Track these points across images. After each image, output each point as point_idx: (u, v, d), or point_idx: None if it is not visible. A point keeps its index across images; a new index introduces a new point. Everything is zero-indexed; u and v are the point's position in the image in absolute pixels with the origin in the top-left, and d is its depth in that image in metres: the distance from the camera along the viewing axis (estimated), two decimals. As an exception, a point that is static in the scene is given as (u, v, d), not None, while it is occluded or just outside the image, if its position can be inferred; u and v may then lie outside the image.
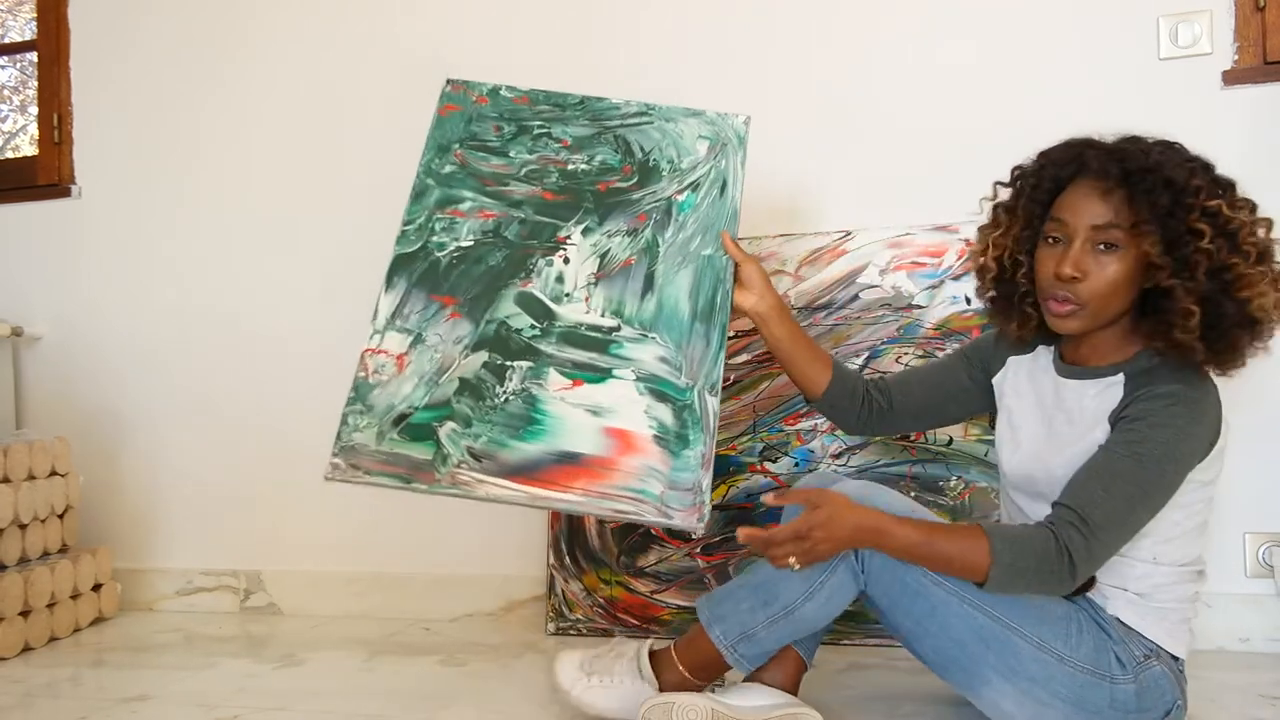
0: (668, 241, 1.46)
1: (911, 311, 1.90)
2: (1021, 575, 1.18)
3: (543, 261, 1.44)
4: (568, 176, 1.51)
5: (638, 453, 1.31)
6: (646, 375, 1.36)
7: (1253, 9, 1.83)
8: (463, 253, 1.44)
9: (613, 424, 1.33)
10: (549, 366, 1.36)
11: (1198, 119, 1.82)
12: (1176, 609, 1.28)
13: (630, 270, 1.44)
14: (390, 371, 1.36)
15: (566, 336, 1.39)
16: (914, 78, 1.99)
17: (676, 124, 1.56)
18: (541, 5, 2.22)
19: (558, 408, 1.34)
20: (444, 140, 1.54)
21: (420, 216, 1.47)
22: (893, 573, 1.25)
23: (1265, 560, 1.80)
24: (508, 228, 1.47)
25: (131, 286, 2.48)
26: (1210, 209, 1.17)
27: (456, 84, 1.59)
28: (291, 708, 1.62)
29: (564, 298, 1.41)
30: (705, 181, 1.51)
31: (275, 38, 2.39)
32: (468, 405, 1.34)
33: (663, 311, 1.41)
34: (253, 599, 2.36)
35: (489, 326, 1.39)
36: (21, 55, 3.31)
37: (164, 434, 2.44)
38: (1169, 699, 1.25)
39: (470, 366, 1.36)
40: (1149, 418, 1.20)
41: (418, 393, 1.35)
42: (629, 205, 1.48)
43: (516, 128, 1.55)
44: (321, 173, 2.35)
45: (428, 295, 1.41)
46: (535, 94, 1.59)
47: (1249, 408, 1.78)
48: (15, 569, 2.06)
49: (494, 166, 1.52)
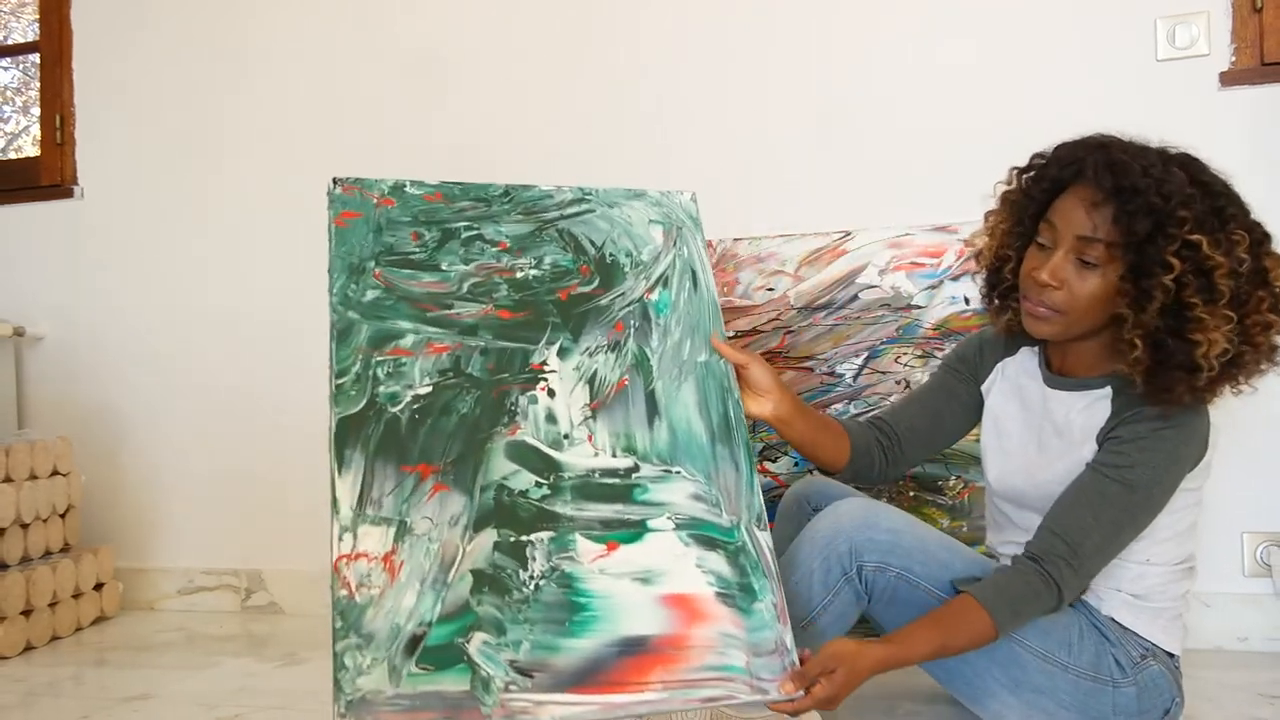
0: (656, 351, 1.29)
1: (911, 312, 1.90)
2: (1021, 618, 1.20)
3: (523, 399, 1.21)
4: (520, 287, 1.28)
5: (707, 620, 1.12)
6: (686, 520, 1.18)
7: (1250, 10, 1.83)
8: (423, 403, 1.17)
9: (668, 589, 1.13)
10: (574, 532, 1.14)
11: (1195, 120, 1.83)
12: (1170, 607, 1.28)
13: (627, 393, 1.25)
14: (381, 581, 1.06)
15: (581, 490, 1.17)
16: (914, 78, 2.00)
17: (621, 209, 1.38)
18: (541, 6, 2.22)
19: (601, 583, 1.12)
20: (352, 258, 1.23)
21: (354, 363, 1.16)
22: (895, 592, 1.25)
23: (1263, 560, 1.80)
24: (469, 362, 1.21)
25: (133, 287, 2.48)
26: (1190, 242, 1.12)
27: (347, 184, 1.30)
28: (293, 707, 1.62)
29: (563, 441, 1.20)
30: (673, 274, 1.35)
31: (276, 38, 2.40)
32: (492, 605, 1.08)
33: (678, 438, 1.24)
34: (254, 598, 2.36)
35: (486, 495, 1.14)
36: (24, 56, 3.32)
37: (165, 433, 2.44)
38: (1167, 697, 1.26)
39: (479, 553, 1.11)
40: (1138, 440, 1.19)
41: (425, 603, 1.07)
42: (600, 313, 1.29)
43: (440, 232, 1.29)
44: (322, 172, 2.33)
45: (397, 467, 1.12)
46: (448, 188, 1.33)
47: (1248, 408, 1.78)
48: (17, 568, 2.07)
49: (427, 285, 1.24)
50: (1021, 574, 1.19)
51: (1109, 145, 1.21)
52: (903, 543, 1.26)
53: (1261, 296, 1.16)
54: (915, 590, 1.25)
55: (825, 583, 1.25)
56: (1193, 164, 1.19)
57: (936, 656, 1.20)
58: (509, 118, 2.23)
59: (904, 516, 1.31)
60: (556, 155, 2.20)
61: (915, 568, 1.25)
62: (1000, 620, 1.16)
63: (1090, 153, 1.20)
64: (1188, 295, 1.13)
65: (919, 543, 1.27)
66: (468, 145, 2.24)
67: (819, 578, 1.26)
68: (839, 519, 1.28)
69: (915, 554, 1.25)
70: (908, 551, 1.25)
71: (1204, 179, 1.17)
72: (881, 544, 1.25)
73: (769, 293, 1.97)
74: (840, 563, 1.25)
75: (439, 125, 2.27)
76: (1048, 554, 1.19)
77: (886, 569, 1.25)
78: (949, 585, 1.25)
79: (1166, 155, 1.19)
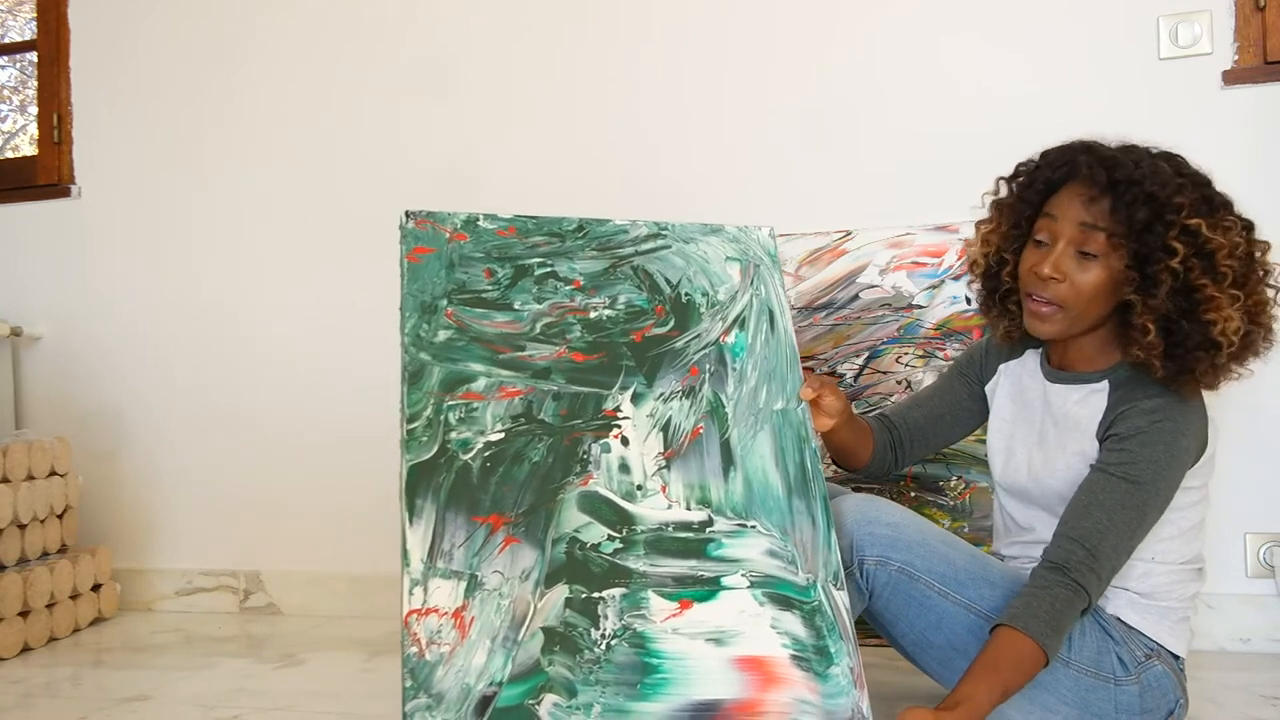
0: (732, 398, 1.25)
1: (911, 311, 1.90)
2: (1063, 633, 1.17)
3: (596, 447, 1.17)
4: (594, 328, 1.24)
5: (781, 684, 1.09)
6: (761, 578, 1.15)
7: (1253, 9, 1.83)
8: (495, 450, 1.14)
9: (742, 651, 1.10)
10: (647, 589, 1.11)
11: (1198, 119, 1.82)
12: (1177, 608, 1.28)
13: (701, 442, 1.21)
14: (451, 638, 1.03)
15: (655, 544, 1.14)
16: (914, 77, 1.99)
17: (697, 245, 1.35)
18: (541, 8, 2.21)
19: (674, 644, 1.09)
20: (425, 295, 1.21)
21: (426, 407, 1.14)
22: (896, 586, 1.25)
23: (1266, 560, 1.80)
24: (541, 407, 1.18)
25: (131, 286, 2.48)
26: (1190, 227, 1.16)
27: (420, 218, 1.26)
28: (291, 708, 1.62)
29: (637, 492, 1.16)
30: (750, 315, 1.32)
31: (275, 37, 2.39)
32: (564, 665, 1.05)
33: (754, 490, 1.20)
34: (252, 599, 2.36)
35: (557, 549, 1.11)
36: (21, 55, 3.31)
37: (163, 434, 2.43)
38: (1171, 699, 1.26)
39: (551, 609, 1.07)
40: (1138, 435, 1.20)
41: (495, 661, 1.03)
42: (675, 356, 1.25)
43: (513, 269, 1.25)
44: (322, 172, 2.34)
45: (468, 517, 1.10)
46: (522, 222, 1.30)
47: (1249, 408, 1.78)
48: (14, 569, 2.06)
49: (500, 325, 1.22)
50: (1048, 588, 1.17)
51: (1096, 146, 1.25)
52: (903, 537, 1.26)
53: (1259, 276, 1.21)
54: (916, 584, 1.24)
55: None
56: (1176, 159, 1.24)
57: (1003, 700, 1.15)
58: (509, 118, 2.23)
59: (904, 511, 1.31)
60: (556, 155, 2.19)
61: (916, 561, 1.25)
62: (1048, 644, 1.14)
63: (1080, 153, 1.24)
64: (1195, 277, 1.17)
65: (920, 536, 1.27)
66: (468, 146, 2.24)
67: None
68: (840, 514, 1.28)
69: (916, 548, 1.25)
70: (909, 545, 1.25)
71: (1188, 172, 1.22)
72: (882, 538, 1.25)
73: (769, 292, 1.96)
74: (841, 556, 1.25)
75: (439, 125, 2.27)
76: (1069, 561, 1.18)
77: (888, 563, 1.25)
78: (950, 579, 1.25)
79: (1151, 151, 1.24)
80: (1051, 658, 1.15)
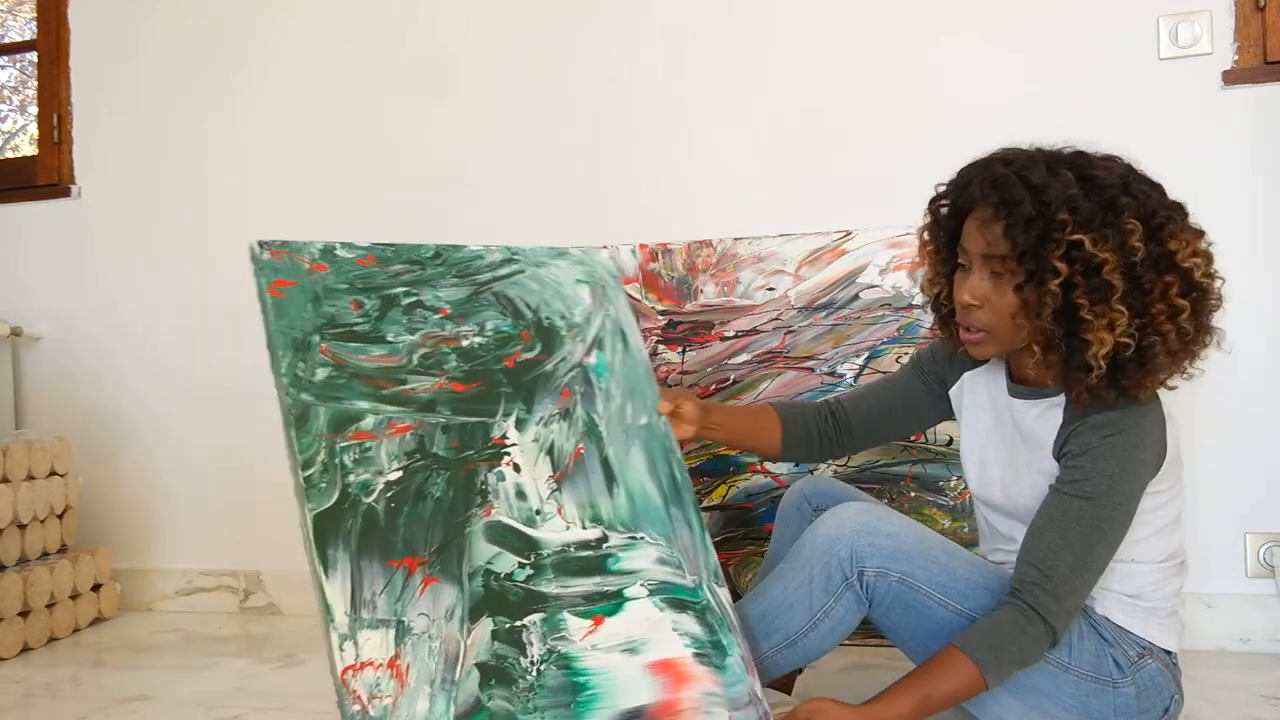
0: (603, 417, 1.30)
1: (911, 311, 1.90)
2: (1010, 661, 1.18)
3: (492, 476, 1.18)
4: (468, 356, 1.23)
5: (690, 681, 1.17)
6: (656, 585, 1.22)
7: (1253, 9, 1.83)
8: (397, 490, 1.11)
9: (654, 656, 1.16)
10: (562, 611, 1.14)
11: (1198, 119, 1.82)
12: (1164, 605, 1.28)
13: (584, 462, 1.25)
14: (391, 689, 1.01)
15: (561, 565, 1.17)
16: (914, 77, 1.99)
17: (548, 269, 1.36)
18: (541, 8, 2.21)
19: (595, 659, 1.13)
20: (295, 331, 1.13)
21: (319, 451, 1.09)
22: (896, 597, 1.25)
23: (1266, 560, 1.80)
24: (433, 440, 1.16)
25: (131, 286, 2.48)
26: (1074, 243, 1.12)
27: (275, 249, 1.17)
28: (291, 708, 1.62)
29: (536, 517, 1.18)
30: (606, 336, 1.36)
31: (275, 37, 2.39)
32: (502, 698, 1.06)
33: (636, 504, 1.26)
34: (252, 599, 2.36)
35: (475, 583, 1.11)
36: (21, 55, 3.31)
37: (163, 434, 2.43)
38: (1167, 695, 1.26)
39: (480, 644, 1.08)
40: (1089, 451, 1.19)
41: (438, 705, 1.02)
42: (547, 380, 1.28)
43: (379, 299, 1.21)
44: (322, 172, 2.34)
45: (383, 562, 1.06)
46: (380, 250, 1.24)
47: (1247, 408, 1.79)
48: (14, 569, 2.06)
49: (377, 359, 1.17)
50: (1002, 612, 1.19)
51: (995, 160, 1.22)
52: (904, 547, 1.25)
53: (1169, 281, 1.14)
54: (916, 594, 1.24)
55: (826, 588, 1.25)
56: (1082, 160, 1.19)
57: (924, 711, 1.18)
58: (510, 119, 2.23)
59: (905, 520, 1.30)
60: (556, 156, 2.19)
61: (917, 572, 1.24)
62: (983, 661, 1.15)
63: (978, 173, 1.21)
64: (1076, 296, 1.13)
65: (920, 546, 1.26)
66: (469, 148, 2.24)
67: (819, 583, 1.26)
68: (840, 524, 1.27)
69: (916, 559, 1.25)
70: (909, 556, 1.25)
71: (1094, 174, 1.16)
72: (883, 549, 1.25)
73: (769, 293, 1.96)
74: (841, 568, 1.25)
75: (440, 125, 2.27)
76: (1022, 584, 1.19)
77: (888, 574, 1.24)
78: (951, 589, 1.25)
79: (1056, 158, 1.19)
80: (992, 680, 1.16)
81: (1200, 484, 1.74)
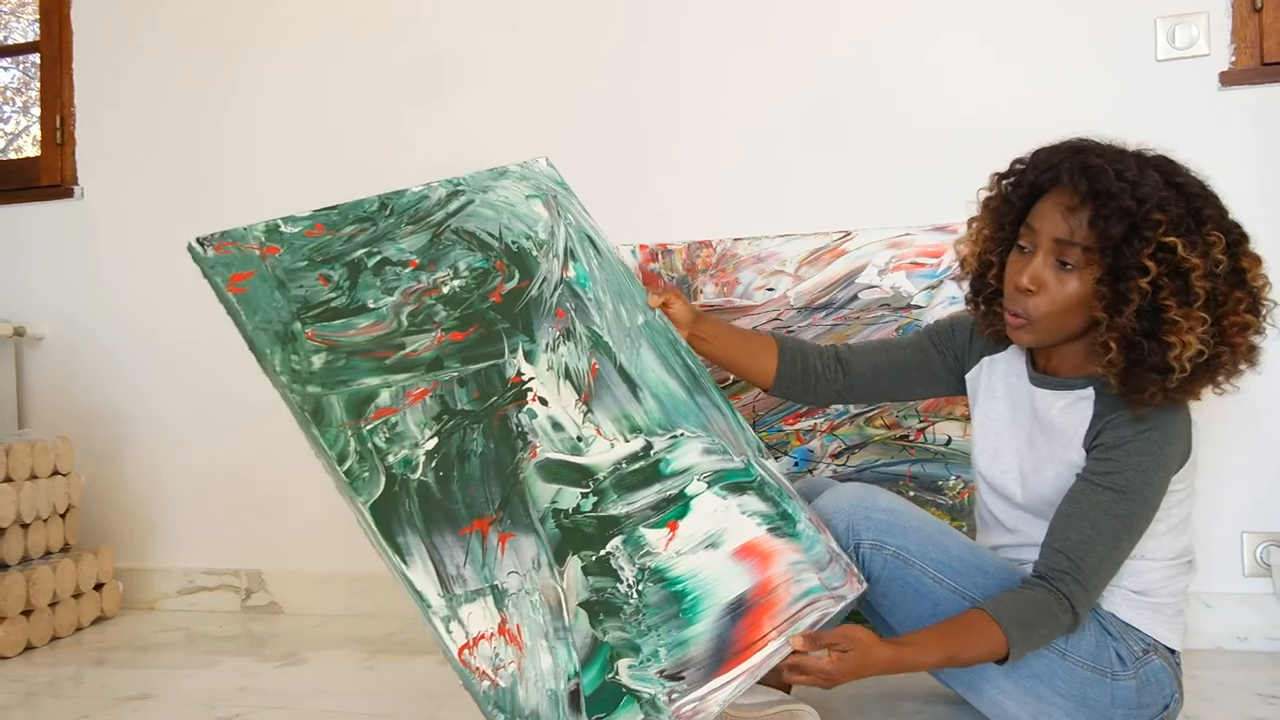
0: (603, 326, 1.28)
1: (911, 312, 1.90)
2: (1035, 643, 1.19)
3: (523, 416, 1.15)
4: (454, 303, 1.18)
5: (774, 557, 1.20)
6: (711, 475, 1.24)
7: (1250, 10, 1.83)
8: (439, 457, 1.07)
9: (734, 545, 1.19)
10: (637, 528, 1.14)
11: (1195, 120, 1.83)
12: (1171, 602, 1.29)
13: (602, 377, 1.24)
14: (511, 654, 1.00)
15: (620, 484, 1.17)
16: (914, 77, 2.00)
17: (495, 192, 1.32)
18: (540, 6, 2.22)
19: (684, 564, 1.14)
20: (274, 325, 1.07)
21: (347, 441, 1.03)
22: (892, 572, 1.26)
23: (1263, 560, 1.80)
24: (454, 398, 1.12)
25: (133, 287, 2.48)
26: (1166, 245, 1.13)
27: (217, 243, 1.10)
28: (293, 707, 1.62)
29: (579, 444, 1.17)
30: (576, 245, 1.34)
31: (277, 38, 2.40)
32: (616, 629, 1.06)
33: (664, 403, 1.27)
34: (254, 598, 2.36)
35: (548, 526, 1.09)
36: (24, 56, 3.32)
37: (166, 433, 2.44)
38: (1168, 693, 1.26)
39: (576, 584, 1.07)
40: (1124, 445, 1.20)
41: (560, 656, 1.02)
42: (537, 305, 1.25)
43: (345, 268, 1.14)
44: (323, 172, 2.35)
45: (455, 533, 1.04)
46: (324, 215, 1.18)
47: (1246, 408, 1.79)
48: (17, 568, 2.07)
49: (367, 330, 1.11)
50: (1029, 589, 1.20)
51: (1085, 149, 1.21)
52: (899, 522, 1.27)
53: (1239, 297, 1.16)
54: (910, 569, 1.25)
55: None
56: (1168, 166, 1.19)
57: (944, 666, 1.20)
58: (509, 119, 2.23)
59: (901, 500, 1.32)
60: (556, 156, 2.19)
61: (911, 547, 1.26)
62: (1013, 636, 1.16)
63: (1066, 157, 1.21)
64: (1163, 297, 1.13)
65: (916, 523, 1.28)
66: (469, 146, 2.24)
67: None
68: (836, 499, 1.30)
69: (912, 534, 1.26)
70: (904, 531, 1.26)
71: (1179, 181, 1.18)
72: (878, 522, 1.26)
73: (769, 293, 1.97)
74: (838, 541, 1.27)
75: (439, 125, 2.27)
76: (1053, 571, 1.19)
77: (883, 547, 1.26)
78: (945, 566, 1.25)
79: (1143, 158, 1.20)
80: (1014, 653, 1.16)
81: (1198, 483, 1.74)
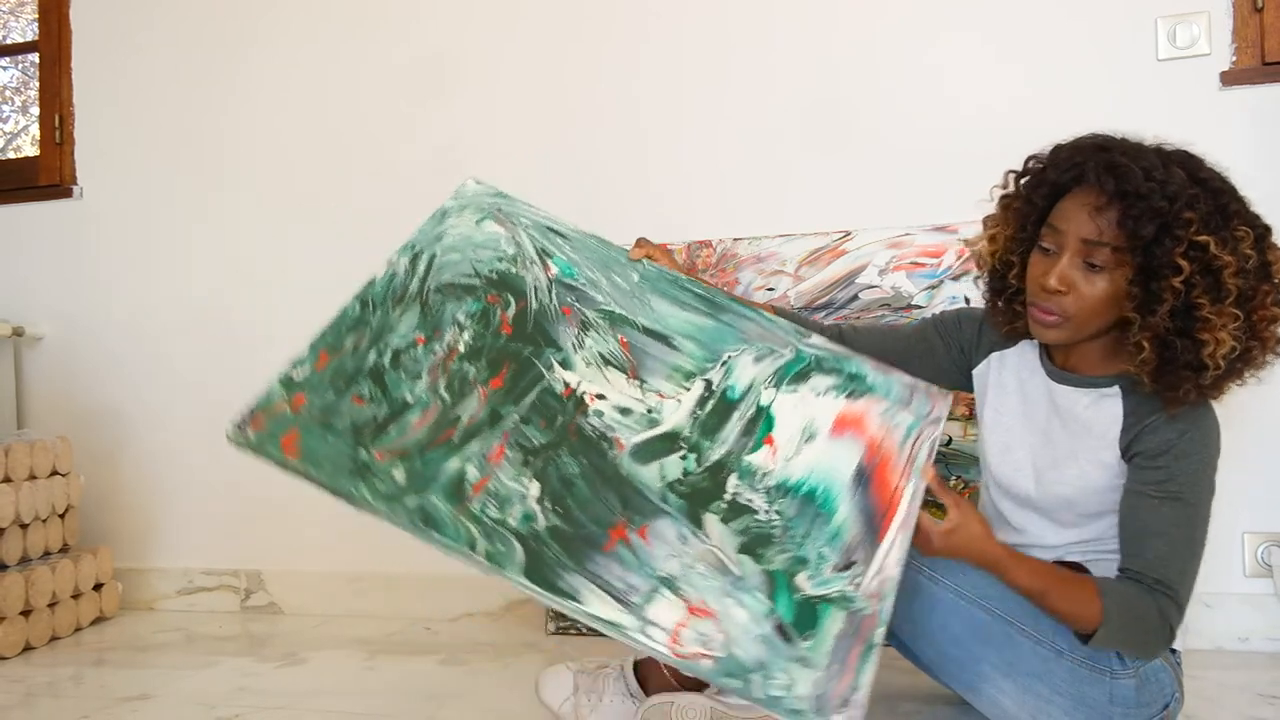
0: (608, 303, 1.33)
1: (911, 312, 1.90)
2: (1123, 639, 1.18)
3: (592, 419, 1.20)
4: (475, 355, 1.22)
5: (864, 418, 1.27)
6: (772, 377, 1.29)
7: (1251, 10, 1.83)
8: (549, 497, 1.11)
9: (827, 426, 1.25)
10: (741, 458, 1.20)
11: (1196, 120, 1.82)
12: None
13: (634, 346, 1.29)
14: (709, 627, 1.04)
15: (705, 430, 1.22)
16: (914, 77, 2.00)
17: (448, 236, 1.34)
18: (542, 7, 2.22)
19: (797, 466, 1.20)
20: (344, 467, 1.09)
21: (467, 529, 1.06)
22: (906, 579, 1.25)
23: (1264, 560, 1.80)
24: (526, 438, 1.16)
25: (133, 287, 2.48)
26: (1198, 243, 1.12)
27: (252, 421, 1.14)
28: (292, 707, 1.62)
29: (652, 416, 1.22)
30: (543, 243, 1.37)
31: (277, 38, 2.39)
32: (777, 554, 1.12)
33: (698, 338, 1.32)
34: (253, 598, 2.36)
35: (672, 501, 1.14)
36: (23, 56, 3.31)
37: (165, 434, 2.44)
38: (1168, 692, 1.26)
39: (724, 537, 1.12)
40: (1170, 450, 1.19)
41: (750, 603, 1.06)
42: (544, 315, 1.29)
43: (369, 379, 1.17)
44: (323, 172, 2.35)
45: (601, 552, 1.07)
46: (322, 343, 1.20)
47: (1246, 408, 1.78)
48: (16, 568, 2.07)
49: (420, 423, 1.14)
50: (1150, 599, 1.17)
51: (1108, 147, 1.19)
52: None
53: (1267, 290, 1.16)
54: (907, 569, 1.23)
55: None
56: (1191, 161, 1.19)
57: (1033, 597, 1.19)
58: (509, 119, 2.23)
59: None
60: (556, 156, 2.20)
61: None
62: (1109, 615, 1.15)
63: (1090, 156, 1.19)
64: (1196, 295, 1.13)
65: None
66: (469, 146, 2.24)
67: None
68: None
69: None
70: None
71: (1203, 176, 1.17)
72: None
73: (769, 293, 1.97)
74: None
75: (440, 125, 2.27)
76: (1152, 592, 1.18)
77: None
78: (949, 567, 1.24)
79: (1165, 154, 1.18)
80: (1097, 637, 1.16)
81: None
